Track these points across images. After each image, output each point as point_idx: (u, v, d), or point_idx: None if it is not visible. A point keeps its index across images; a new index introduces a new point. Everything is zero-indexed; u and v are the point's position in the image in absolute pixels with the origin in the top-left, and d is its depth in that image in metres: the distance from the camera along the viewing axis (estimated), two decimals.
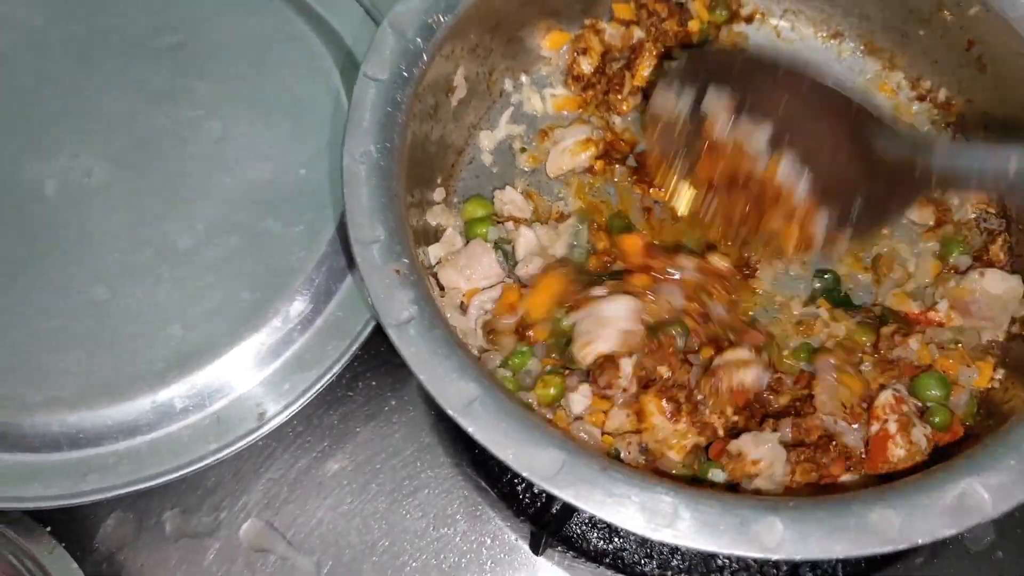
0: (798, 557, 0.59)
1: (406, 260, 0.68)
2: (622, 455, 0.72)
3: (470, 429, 0.63)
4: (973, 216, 0.82)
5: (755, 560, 0.78)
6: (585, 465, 0.61)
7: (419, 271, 0.69)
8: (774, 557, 0.58)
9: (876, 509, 0.59)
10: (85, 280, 0.79)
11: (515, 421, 0.63)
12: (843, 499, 0.61)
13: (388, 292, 0.67)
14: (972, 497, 0.59)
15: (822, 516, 0.59)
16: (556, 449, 0.62)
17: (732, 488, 0.71)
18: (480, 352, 0.77)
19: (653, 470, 0.72)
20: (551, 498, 0.74)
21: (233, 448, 0.76)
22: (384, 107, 0.73)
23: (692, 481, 0.72)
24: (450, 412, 0.63)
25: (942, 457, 0.67)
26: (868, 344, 0.76)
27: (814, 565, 0.78)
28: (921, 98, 0.86)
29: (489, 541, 0.80)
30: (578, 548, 0.79)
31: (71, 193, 0.83)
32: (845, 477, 0.71)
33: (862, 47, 0.91)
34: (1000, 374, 0.74)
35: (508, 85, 0.91)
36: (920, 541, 0.58)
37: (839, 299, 0.81)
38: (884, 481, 0.65)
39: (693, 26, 0.90)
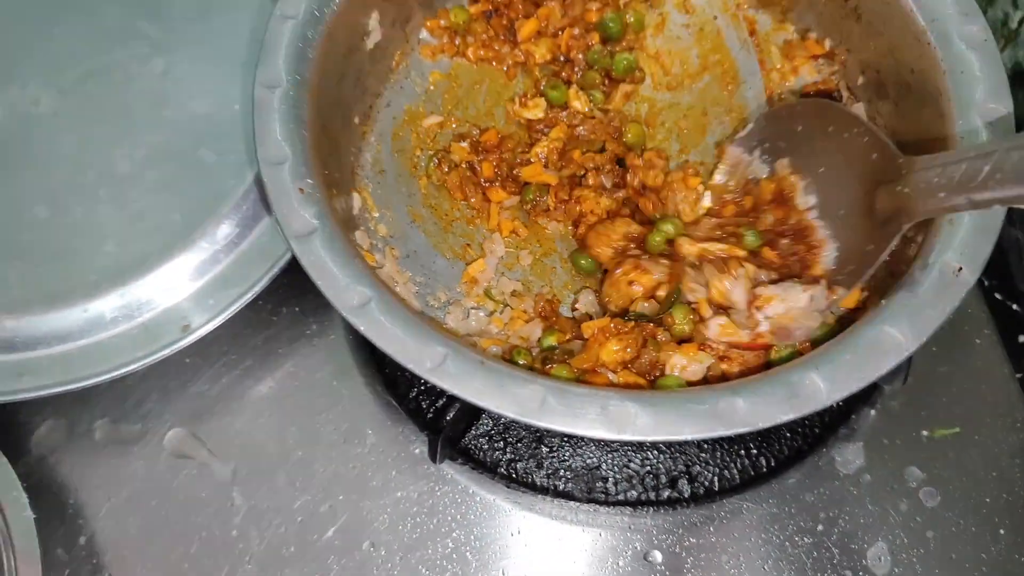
0: (650, 438, 0.64)
1: (310, 180, 0.73)
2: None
3: (361, 328, 0.68)
4: None
5: (637, 471, 0.83)
6: (465, 360, 0.67)
7: (322, 190, 0.74)
8: (625, 438, 0.64)
9: (724, 397, 0.64)
10: (28, 200, 0.85)
11: (403, 321, 0.68)
12: (697, 390, 0.66)
13: (291, 208, 0.71)
14: (810, 387, 0.64)
15: (676, 402, 0.64)
16: (439, 346, 0.67)
17: None
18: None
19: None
20: (446, 406, 0.79)
21: (157, 356, 0.81)
22: (296, 43, 0.78)
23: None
24: (343, 312, 0.68)
25: None
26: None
27: (691, 478, 0.83)
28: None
29: (396, 453, 0.85)
30: (476, 459, 0.84)
31: (19, 120, 0.88)
32: None
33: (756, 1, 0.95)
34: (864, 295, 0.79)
35: (425, 34, 0.95)
36: (761, 425, 0.64)
37: None
38: None
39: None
